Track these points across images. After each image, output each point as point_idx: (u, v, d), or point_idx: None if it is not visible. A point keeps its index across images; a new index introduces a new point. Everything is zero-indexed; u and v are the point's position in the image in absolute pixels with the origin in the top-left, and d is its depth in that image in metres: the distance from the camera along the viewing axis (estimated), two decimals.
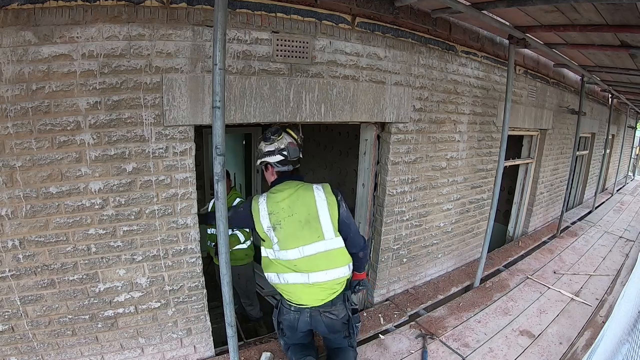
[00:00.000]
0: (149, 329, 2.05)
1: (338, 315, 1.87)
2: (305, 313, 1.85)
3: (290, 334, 1.99)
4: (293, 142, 1.84)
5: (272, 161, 1.84)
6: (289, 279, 1.80)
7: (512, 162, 4.55)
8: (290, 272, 1.79)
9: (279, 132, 1.85)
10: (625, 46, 2.84)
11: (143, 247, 1.91)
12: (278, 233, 1.76)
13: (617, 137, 9.27)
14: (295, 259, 1.76)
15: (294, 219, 1.75)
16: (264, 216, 1.78)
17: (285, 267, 1.79)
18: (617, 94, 5.99)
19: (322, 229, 1.76)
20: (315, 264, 1.76)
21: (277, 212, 1.77)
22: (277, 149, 1.82)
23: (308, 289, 1.79)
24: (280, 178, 1.87)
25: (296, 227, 1.75)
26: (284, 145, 1.82)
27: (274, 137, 1.83)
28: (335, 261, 1.79)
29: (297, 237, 1.76)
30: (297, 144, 1.86)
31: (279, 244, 1.77)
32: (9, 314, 1.73)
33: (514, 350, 2.47)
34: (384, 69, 2.52)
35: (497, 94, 3.56)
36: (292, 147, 1.83)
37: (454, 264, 3.78)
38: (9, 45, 1.49)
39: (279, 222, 1.76)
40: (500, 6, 2.27)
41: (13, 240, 1.66)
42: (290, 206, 1.76)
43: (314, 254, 1.76)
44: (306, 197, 1.78)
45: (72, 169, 1.69)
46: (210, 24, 1.81)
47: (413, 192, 3.02)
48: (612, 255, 4.40)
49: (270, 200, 1.80)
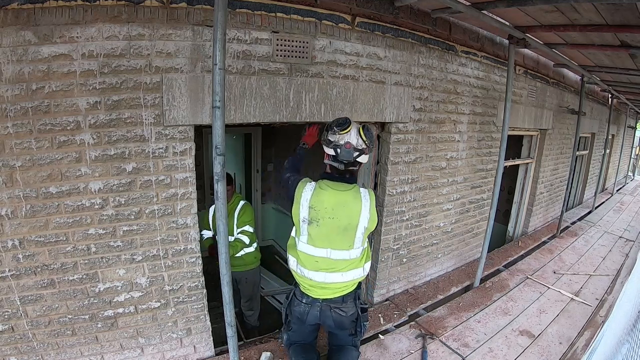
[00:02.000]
0: (149, 329, 2.05)
1: (347, 312, 1.88)
2: (316, 307, 1.86)
3: (297, 328, 1.98)
4: (351, 143, 1.66)
5: (329, 153, 1.73)
6: (306, 273, 1.80)
7: (512, 162, 4.55)
8: (309, 269, 1.79)
9: (345, 126, 1.67)
10: (625, 46, 2.84)
11: (143, 247, 1.91)
12: (312, 229, 1.73)
13: (617, 137, 9.28)
14: (320, 257, 1.76)
15: (333, 223, 1.72)
16: (303, 204, 1.72)
17: (306, 261, 1.79)
18: (617, 94, 5.99)
19: (355, 239, 1.76)
20: (336, 265, 1.77)
21: (319, 209, 1.71)
22: (334, 142, 1.67)
23: (322, 284, 1.80)
24: (332, 173, 1.77)
25: (333, 231, 1.73)
26: (341, 141, 1.66)
27: (337, 129, 1.67)
28: (354, 264, 1.81)
29: (330, 240, 1.74)
30: (354, 147, 1.67)
31: (309, 239, 1.75)
32: (9, 314, 1.73)
33: (513, 350, 2.47)
34: (383, 68, 2.52)
35: (497, 94, 3.56)
36: (347, 148, 1.66)
37: (454, 264, 3.78)
38: (9, 45, 1.49)
39: (317, 219, 1.71)
40: (500, 6, 2.27)
41: (13, 240, 1.66)
42: (334, 209, 1.71)
43: (339, 259, 1.77)
44: (352, 207, 1.73)
45: (72, 168, 1.69)
46: (210, 23, 1.81)
47: (413, 192, 3.02)
48: (612, 255, 4.40)
49: (316, 194, 1.72)
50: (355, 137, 1.67)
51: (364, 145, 1.69)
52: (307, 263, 1.79)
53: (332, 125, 1.70)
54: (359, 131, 1.69)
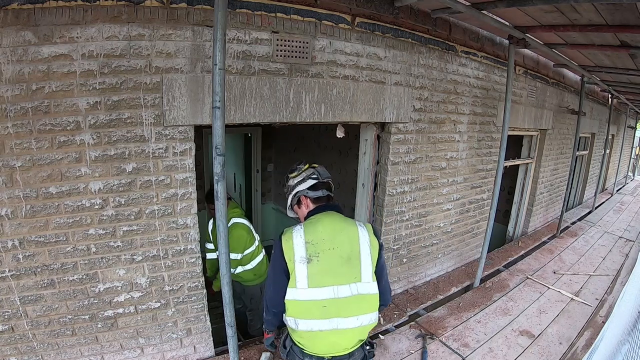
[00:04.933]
0: (149, 329, 2.04)
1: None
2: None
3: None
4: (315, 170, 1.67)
5: (303, 188, 1.65)
6: (312, 325, 1.49)
7: (512, 162, 4.55)
8: (314, 319, 1.49)
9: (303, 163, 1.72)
10: (625, 46, 2.84)
11: (143, 247, 1.91)
12: (312, 267, 1.48)
13: (617, 137, 9.28)
14: (326, 299, 1.48)
15: (334, 253, 1.50)
16: (298, 244, 1.49)
17: (308, 311, 1.48)
18: (617, 94, 5.99)
19: (361, 270, 1.52)
20: (347, 307, 1.49)
21: (317, 242, 1.50)
22: (307, 176, 1.66)
23: (332, 336, 1.51)
24: (317, 207, 1.65)
25: (336, 263, 1.49)
26: (311, 170, 1.67)
27: (300, 167, 1.70)
28: (368, 306, 1.54)
29: (334, 274, 1.49)
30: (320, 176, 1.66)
31: (310, 279, 1.47)
32: (9, 314, 1.73)
33: (513, 350, 2.47)
34: (383, 69, 2.52)
35: (497, 94, 3.56)
36: (321, 168, 1.68)
37: (454, 264, 3.78)
38: (9, 45, 1.49)
39: (316, 253, 1.49)
40: (500, 6, 2.27)
41: (13, 240, 1.66)
42: (332, 237, 1.52)
43: (348, 297, 1.49)
44: (350, 231, 1.55)
45: (72, 169, 1.69)
46: (210, 24, 1.81)
47: (413, 192, 3.02)
48: (612, 256, 4.40)
49: (309, 228, 1.54)
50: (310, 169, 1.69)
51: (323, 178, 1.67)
52: (312, 312, 1.48)
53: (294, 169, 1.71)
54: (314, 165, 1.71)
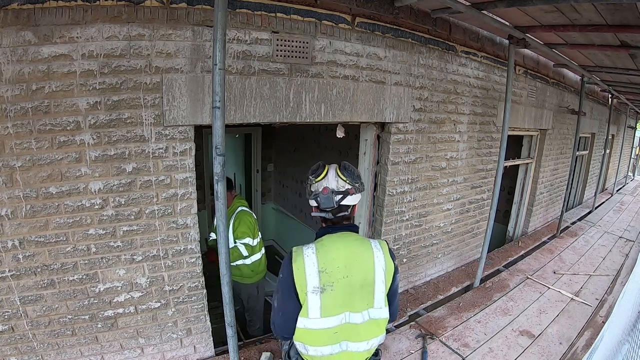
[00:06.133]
0: (149, 329, 2.05)
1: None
2: None
3: None
4: (328, 187, 1.46)
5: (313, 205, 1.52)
6: (322, 351, 1.44)
7: (512, 162, 4.55)
8: (325, 345, 1.43)
9: (319, 172, 1.51)
10: (625, 46, 2.84)
11: (143, 247, 1.91)
12: (326, 297, 1.39)
13: (617, 137, 9.28)
14: (337, 325, 1.42)
15: (348, 282, 1.41)
16: (311, 273, 1.38)
17: (319, 339, 1.42)
18: (617, 94, 5.99)
19: (374, 297, 1.45)
20: (358, 333, 1.46)
21: (331, 270, 1.40)
22: (315, 192, 1.49)
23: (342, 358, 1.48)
24: (327, 227, 1.52)
25: (349, 292, 1.42)
26: (320, 189, 1.48)
27: (312, 178, 1.51)
28: (379, 330, 1.51)
29: (347, 303, 1.42)
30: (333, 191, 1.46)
31: (323, 310, 1.39)
32: (9, 314, 1.73)
33: (514, 350, 2.47)
34: (383, 69, 2.52)
35: (497, 94, 3.56)
36: (325, 194, 1.45)
37: (454, 264, 3.78)
38: (9, 45, 1.49)
39: (330, 283, 1.39)
40: (500, 6, 2.27)
41: (13, 240, 1.66)
42: (348, 266, 1.41)
43: (359, 323, 1.44)
44: (365, 257, 1.45)
45: (72, 169, 1.69)
46: (210, 24, 1.81)
47: (413, 192, 3.02)
48: (612, 256, 4.40)
49: (322, 253, 1.42)
50: (333, 180, 1.48)
51: (346, 185, 1.47)
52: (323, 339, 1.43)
53: (308, 176, 1.53)
54: (336, 172, 1.50)
